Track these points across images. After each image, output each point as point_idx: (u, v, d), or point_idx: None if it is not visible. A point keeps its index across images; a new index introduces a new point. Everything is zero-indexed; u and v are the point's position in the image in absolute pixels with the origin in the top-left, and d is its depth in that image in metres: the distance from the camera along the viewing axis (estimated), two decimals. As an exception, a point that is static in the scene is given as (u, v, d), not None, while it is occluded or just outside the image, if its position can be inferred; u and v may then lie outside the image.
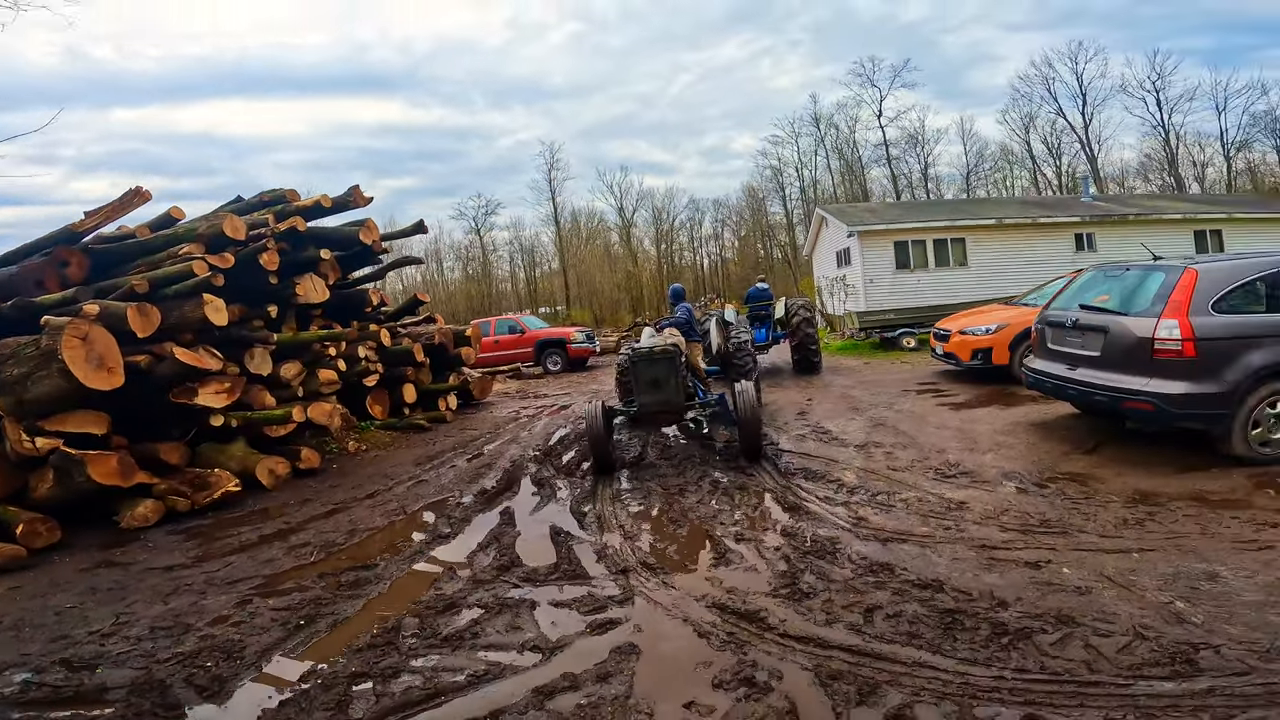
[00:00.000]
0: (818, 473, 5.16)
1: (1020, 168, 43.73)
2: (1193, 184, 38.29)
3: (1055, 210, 18.37)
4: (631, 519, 4.66)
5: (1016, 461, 4.98)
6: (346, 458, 7.94)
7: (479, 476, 6.38)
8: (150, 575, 4.37)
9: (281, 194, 8.50)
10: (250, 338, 7.56)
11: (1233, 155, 38.53)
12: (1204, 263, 4.91)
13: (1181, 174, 38.99)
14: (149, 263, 7.33)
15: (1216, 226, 17.70)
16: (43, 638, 3.47)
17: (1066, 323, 5.40)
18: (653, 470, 5.79)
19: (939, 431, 6.08)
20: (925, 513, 4.08)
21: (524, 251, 51.18)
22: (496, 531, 4.69)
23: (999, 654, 2.45)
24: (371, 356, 9.09)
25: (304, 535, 5.05)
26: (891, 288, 16.25)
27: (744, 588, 3.36)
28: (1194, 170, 39.50)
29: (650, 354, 5.93)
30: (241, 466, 6.66)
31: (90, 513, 5.61)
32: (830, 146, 46.12)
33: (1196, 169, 39.55)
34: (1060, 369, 5.35)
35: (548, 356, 16.35)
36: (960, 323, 9.03)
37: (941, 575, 3.19)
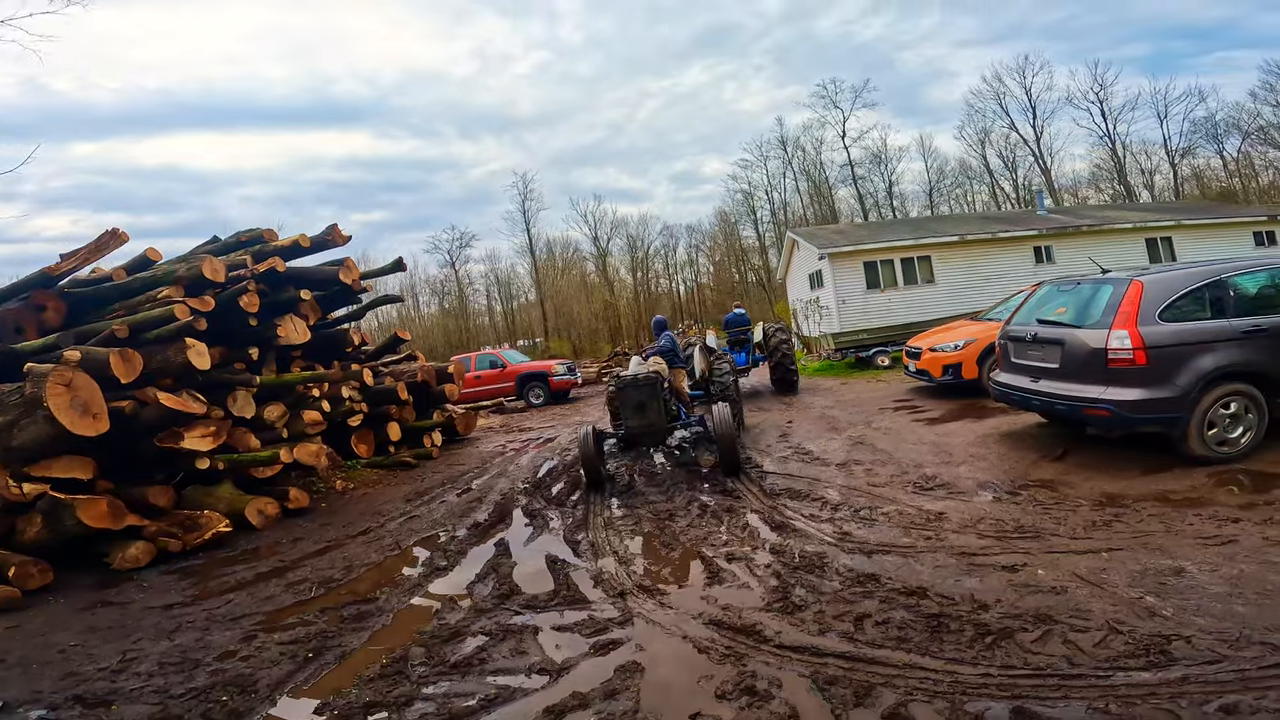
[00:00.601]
0: (802, 492, 5.33)
1: (979, 183, 45.12)
2: (1142, 192, 39.59)
3: (1014, 224, 18.98)
4: (625, 544, 4.76)
5: (990, 472, 5.21)
6: (335, 496, 7.90)
7: (470, 510, 6.43)
8: (150, 614, 4.40)
9: (259, 234, 8.52)
10: (232, 380, 7.55)
11: (1178, 162, 40.02)
12: (1149, 274, 5.24)
13: (1131, 182, 40.33)
14: (127, 306, 7.34)
15: (1167, 234, 18.31)
16: (52, 674, 3.48)
17: (1027, 337, 5.70)
18: (642, 497, 5.91)
19: (916, 447, 6.31)
20: (906, 525, 4.26)
21: (500, 284, 51.28)
22: (493, 562, 4.76)
23: (984, 653, 2.62)
24: (355, 396, 9.10)
25: (301, 572, 5.08)
26: (863, 308, 16.65)
27: (738, 604, 3.49)
28: (1142, 178, 40.81)
29: (635, 381, 6.62)
30: (230, 508, 6.65)
31: (78, 556, 5.61)
32: (798, 168, 47.35)
33: (1144, 176, 40.79)
34: (1024, 381, 5.64)
35: (530, 390, 16.39)
36: (930, 340, 9.37)
37: (925, 582, 3.36)
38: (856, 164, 45.57)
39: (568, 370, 16.87)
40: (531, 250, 49.13)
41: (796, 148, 46.95)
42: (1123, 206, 29.76)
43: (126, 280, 7.47)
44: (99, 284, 7.63)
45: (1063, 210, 25.50)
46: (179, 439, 6.56)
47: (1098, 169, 41.93)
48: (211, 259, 7.32)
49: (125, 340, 6.72)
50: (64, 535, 5.46)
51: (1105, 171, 41.48)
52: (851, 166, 45.63)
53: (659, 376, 6.82)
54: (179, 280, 7.08)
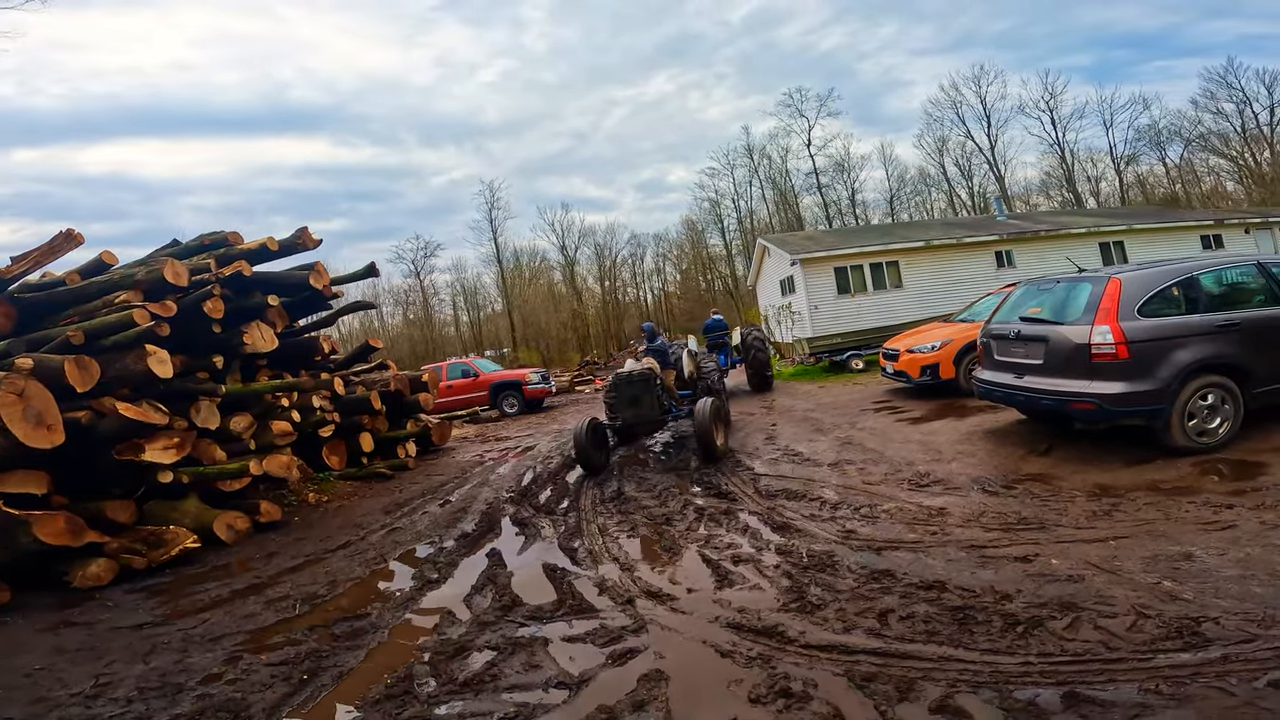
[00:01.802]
0: (798, 493, 5.30)
1: (937, 190, 46.53)
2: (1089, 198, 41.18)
3: (976, 230, 19.52)
4: (624, 550, 4.64)
5: (981, 467, 5.27)
6: (308, 510, 7.56)
7: (456, 521, 6.21)
8: (119, 634, 4.16)
9: (223, 237, 8.13)
10: (196, 390, 7.18)
11: (1123, 169, 41.94)
12: (1127, 272, 5.41)
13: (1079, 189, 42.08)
14: (82, 312, 6.91)
15: (1119, 238, 19.09)
16: (22, 700, 3.20)
17: (1010, 334, 5.81)
18: (635, 503, 5.79)
19: (904, 446, 6.36)
20: (909, 521, 4.26)
21: (467, 293, 50.57)
22: (488, 573, 4.58)
23: (1018, 642, 2.59)
24: (327, 406, 8.76)
25: (280, 589, 4.84)
26: (835, 313, 16.89)
27: (754, 606, 3.41)
28: (1089, 185, 42.55)
29: (630, 377, 7.48)
30: (197, 523, 6.33)
31: (36, 574, 5.28)
32: (764, 176, 48.04)
33: (1091, 183, 42.61)
34: (1008, 378, 5.74)
35: (504, 399, 16.10)
36: (907, 342, 9.52)
37: (941, 576, 3.34)
38: (821, 172, 46.56)
39: (542, 379, 16.65)
40: (499, 259, 48.63)
41: (763, 156, 47.75)
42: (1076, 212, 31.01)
43: (82, 285, 7.04)
44: (52, 288, 7.17)
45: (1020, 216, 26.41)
46: (140, 451, 6.19)
47: (1048, 176, 43.72)
48: (173, 262, 6.94)
49: (81, 347, 6.32)
50: (19, 553, 5.11)
51: (1055, 179, 43.25)
52: (816, 174, 46.57)
53: (652, 373, 7.58)
54: (138, 284, 6.70)
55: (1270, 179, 35.34)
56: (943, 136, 45.02)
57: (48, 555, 5.31)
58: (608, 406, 8.67)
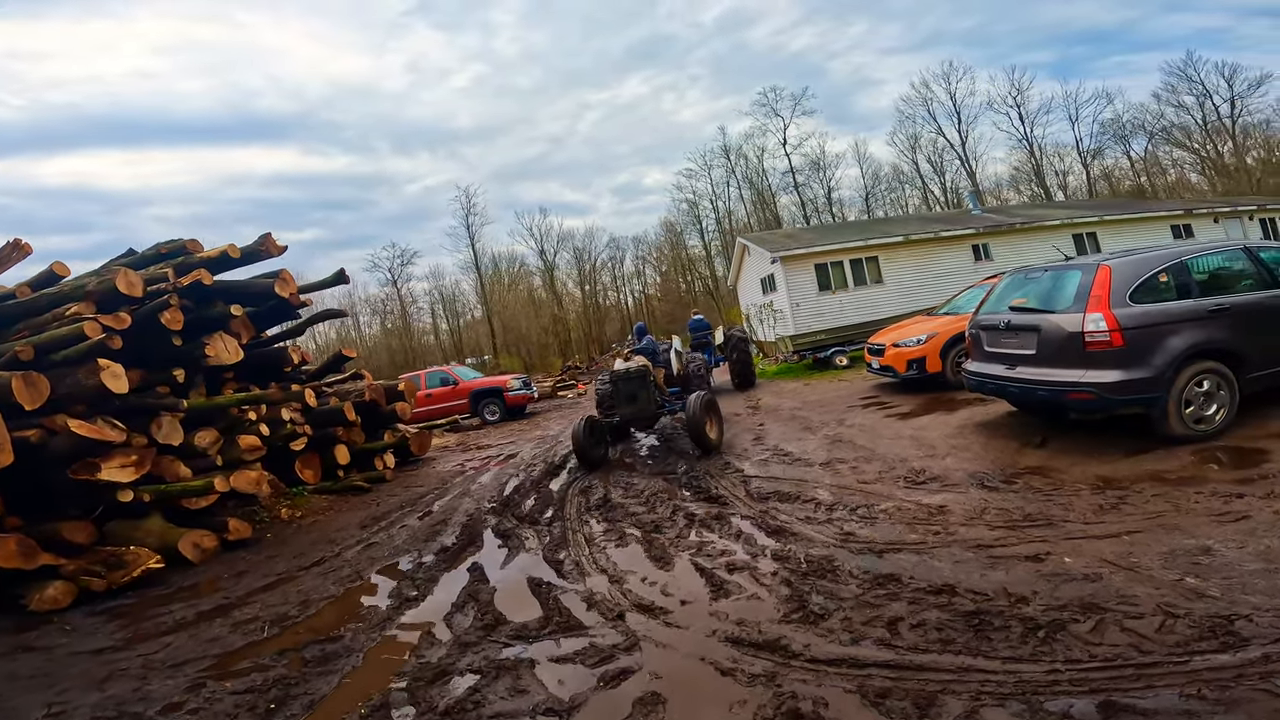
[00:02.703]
0: (791, 494, 5.11)
1: (911, 186, 47.02)
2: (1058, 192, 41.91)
3: (953, 224, 19.61)
4: (613, 561, 4.41)
5: (977, 462, 5.13)
6: (280, 526, 7.23)
7: (436, 534, 5.93)
8: (77, 660, 3.98)
9: (181, 244, 7.75)
10: (155, 405, 6.82)
11: (1089, 163, 42.82)
12: (1116, 259, 5.31)
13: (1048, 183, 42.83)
14: (32, 326, 6.52)
15: (1091, 229, 19.29)
16: None
17: (999, 325, 5.70)
18: (622, 510, 5.56)
19: (895, 442, 6.21)
20: (909, 521, 4.09)
21: (445, 301, 49.90)
22: (470, 589, 4.33)
23: (1041, 648, 2.42)
24: (298, 419, 8.41)
25: (249, 610, 4.59)
26: (817, 309, 16.83)
27: (753, 617, 3.21)
28: (1057, 179, 43.33)
29: (627, 374, 7.69)
30: (161, 542, 6.05)
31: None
32: (741, 176, 48.14)
33: (1059, 177, 43.38)
34: (999, 369, 5.62)
35: (484, 407, 15.76)
36: (891, 336, 9.43)
37: (950, 579, 3.17)
38: (797, 170, 46.79)
39: (523, 385, 16.33)
40: (477, 266, 48.08)
41: (739, 156, 47.85)
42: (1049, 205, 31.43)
43: (32, 297, 6.64)
44: (2, 300, 6.75)
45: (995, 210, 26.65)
46: (96, 470, 5.84)
47: (1017, 171, 44.44)
48: (127, 272, 6.58)
49: (30, 363, 5.95)
50: None
51: (1024, 174, 43.98)
52: (793, 173, 46.79)
53: (647, 369, 7.82)
54: (89, 295, 6.33)
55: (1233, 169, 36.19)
56: (915, 134, 45.58)
57: (2, 578, 5.05)
58: (600, 404, 8.83)
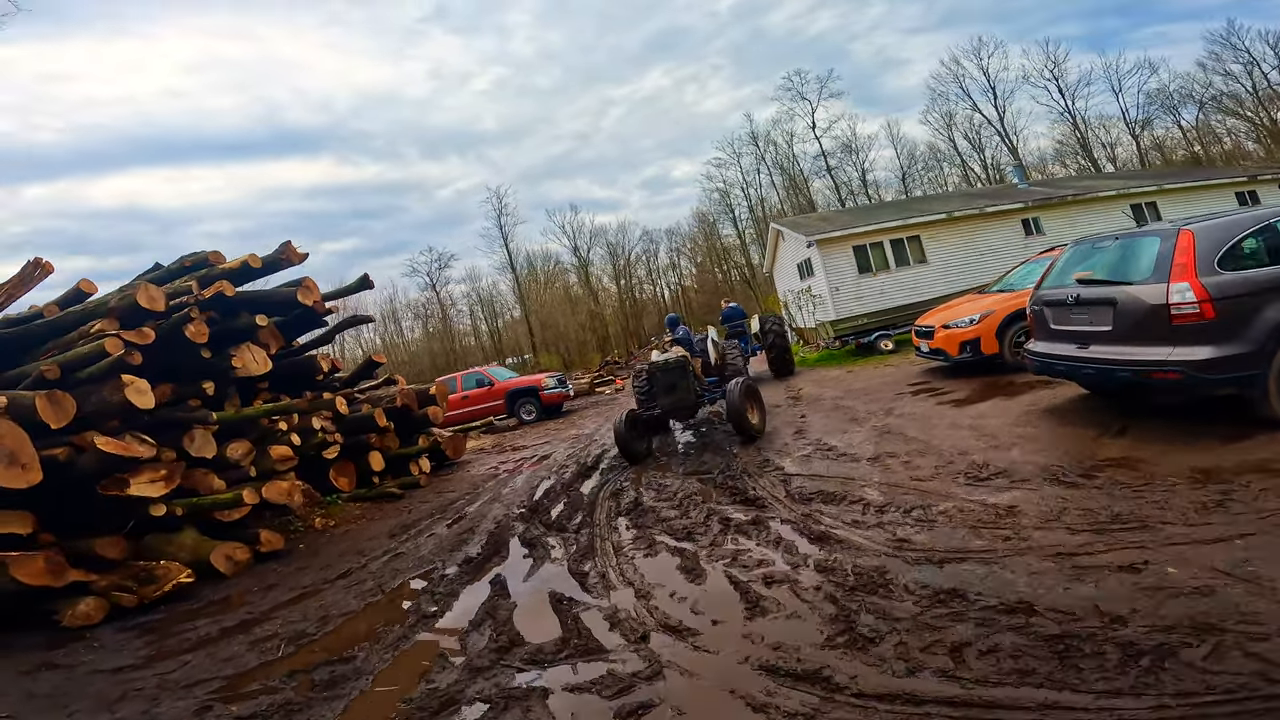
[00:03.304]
0: (836, 495, 4.66)
1: (950, 165, 45.41)
2: (1106, 164, 39.92)
3: (999, 199, 18.65)
4: (640, 573, 4.07)
5: (1048, 454, 4.57)
6: (314, 535, 7.17)
7: (462, 543, 5.72)
8: (96, 679, 3.95)
9: (204, 257, 7.78)
10: (187, 419, 6.81)
11: (1139, 133, 40.57)
12: (1197, 223, 4.69)
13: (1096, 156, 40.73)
14: (60, 344, 6.57)
15: (1150, 199, 18.18)
16: None
17: (1067, 300, 5.11)
18: (653, 515, 5.22)
19: (952, 432, 5.67)
20: (974, 524, 3.62)
21: (483, 302, 50.48)
22: (489, 605, 4.07)
23: (1146, 679, 1.97)
24: (328, 426, 8.35)
25: (270, 626, 4.47)
26: (857, 293, 16.16)
27: (792, 641, 2.83)
28: (1105, 151, 41.27)
29: (666, 364, 7.53)
30: (194, 555, 6.01)
31: (28, 613, 5.06)
32: (771, 162, 47.24)
33: (1107, 149, 41.37)
34: (1069, 349, 5.04)
35: (521, 406, 15.66)
36: (941, 317, 8.80)
37: (1026, 595, 2.71)
38: (829, 154, 45.61)
39: (558, 383, 16.17)
40: (512, 266, 48.46)
41: (768, 143, 46.94)
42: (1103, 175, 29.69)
43: (58, 315, 6.70)
44: (29, 321, 6.85)
45: (1043, 183, 25.30)
46: (124, 486, 5.82)
47: (1061, 144, 42.36)
48: (148, 286, 6.57)
49: (57, 381, 5.97)
50: (2, 594, 4.87)
51: (1069, 147, 41.91)
52: (824, 157, 45.61)
53: (686, 359, 7.63)
54: (112, 312, 6.33)
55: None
56: (949, 111, 44.05)
57: (38, 594, 5.07)
58: (640, 397, 8.77)
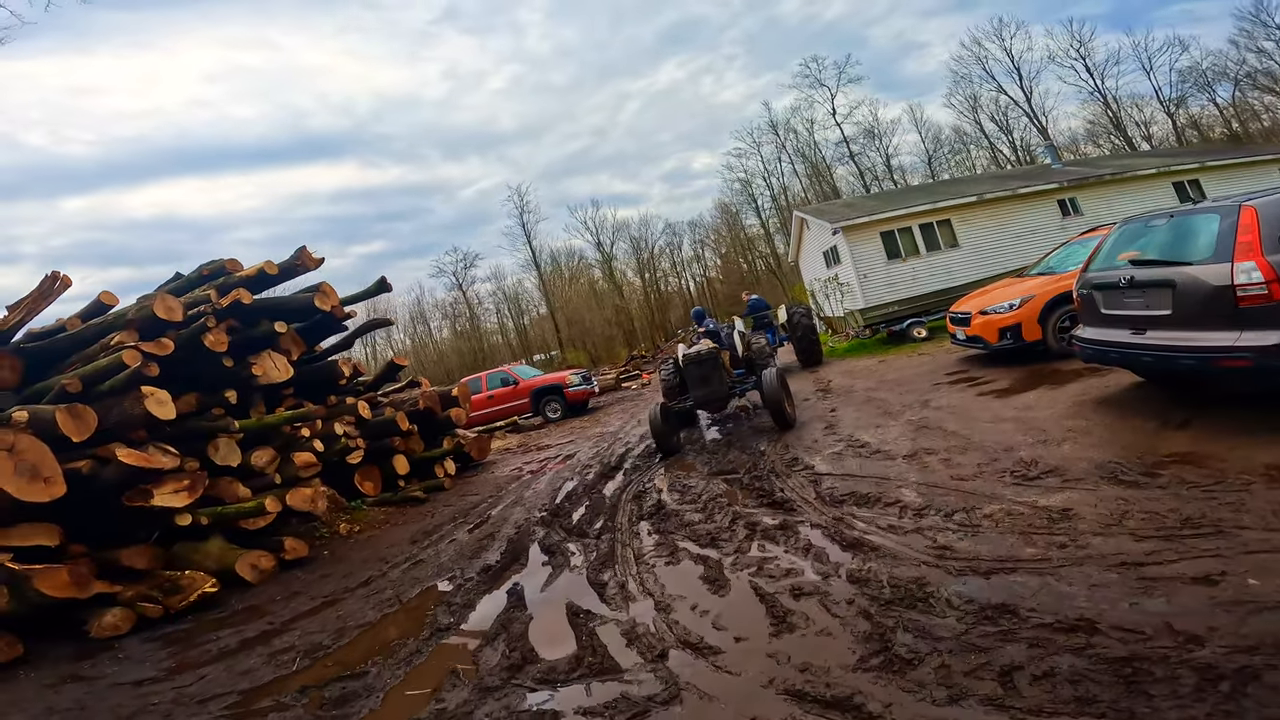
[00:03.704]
0: (870, 496, 4.38)
1: (977, 147, 44.12)
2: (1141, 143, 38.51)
3: (1033, 180, 17.89)
4: (661, 583, 3.87)
5: (1103, 449, 4.21)
6: (338, 542, 7.14)
7: (481, 550, 5.60)
8: (115, 692, 3.96)
9: (221, 265, 7.81)
10: (210, 428, 6.84)
11: (1174, 111, 38.95)
12: (1259, 198, 4.26)
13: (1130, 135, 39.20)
14: (84, 357, 6.64)
15: (1193, 176, 17.34)
16: None
17: (1119, 283, 4.71)
18: (677, 519, 5.00)
19: (995, 426, 5.31)
20: (1024, 529, 3.31)
21: (509, 300, 50.75)
22: (504, 617, 3.93)
23: (1227, 708, 1.71)
24: (351, 431, 8.34)
25: (288, 637, 4.42)
26: (887, 280, 15.64)
27: (821, 661, 2.60)
28: (1139, 130, 39.79)
29: (698, 356, 7.53)
30: (220, 564, 6.04)
31: (60, 624, 5.11)
32: (793, 151, 46.49)
33: (1141, 128, 39.91)
34: (1124, 335, 4.65)
35: (545, 404, 15.58)
36: (978, 303, 8.36)
37: (1087, 611, 2.42)
38: (851, 140, 44.69)
39: (582, 380, 16.04)
40: (536, 263, 48.61)
41: (788, 130, 46.23)
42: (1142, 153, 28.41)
43: (81, 329, 6.77)
44: (53, 335, 6.94)
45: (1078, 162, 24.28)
46: (148, 497, 5.85)
47: (1093, 124, 40.88)
48: (165, 297, 6.60)
49: (79, 394, 6.01)
50: (31, 605, 4.91)
51: (1101, 126, 40.48)
52: (846, 143, 44.72)
53: (718, 351, 7.65)
54: (130, 324, 6.36)
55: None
56: (974, 94, 42.79)
57: (68, 605, 5.11)
58: (668, 390, 8.79)
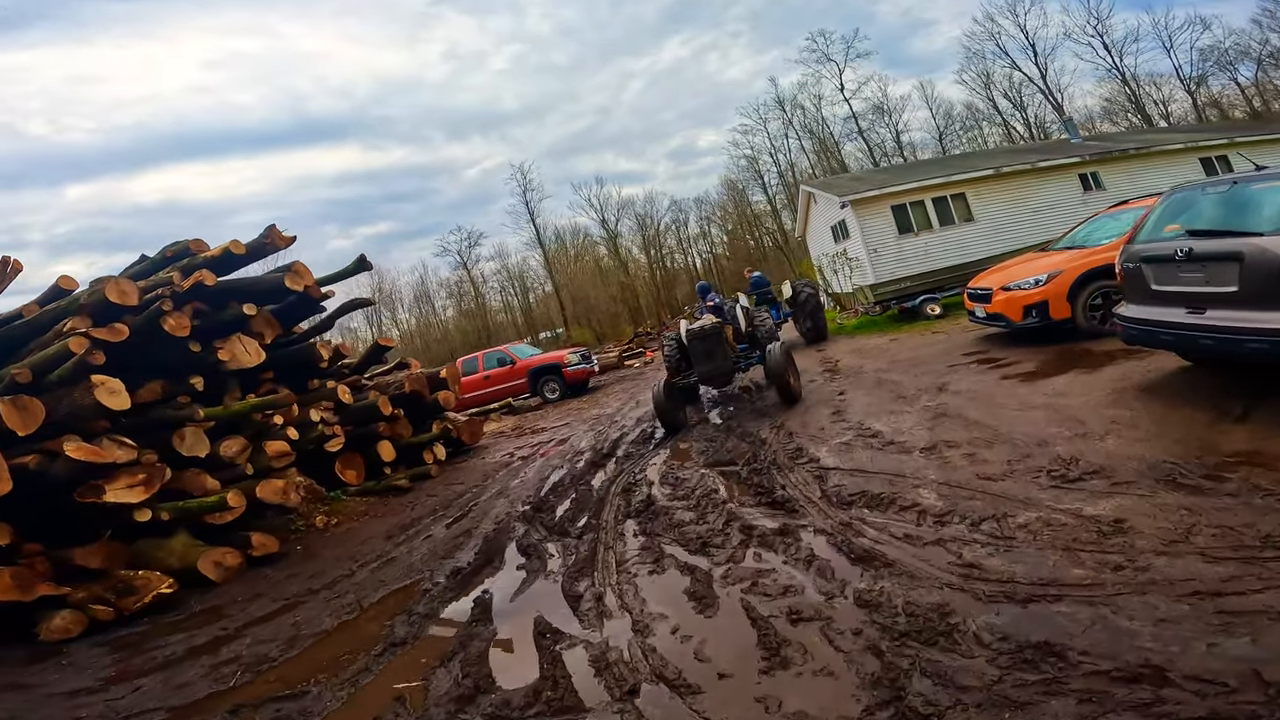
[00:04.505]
0: (883, 497, 3.86)
1: (990, 124, 43.01)
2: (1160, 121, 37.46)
3: (1052, 154, 17.09)
4: (641, 597, 3.40)
5: (1154, 445, 3.66)
6: (314, 535, 6.74)
7: (456, 548, 5.17)
8: (48, 703, 3.71)
9: (185, 246, 7.37)
10: (174, 417, 6.41)
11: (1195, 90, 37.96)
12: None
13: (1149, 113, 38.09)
14: (40, 344, 6.20)
15: (1221, 152, 16.62)
16: None
17: (1173, 255, 4.10)
18: (666, 517, 4.52)
19: (1025, 415, 4.74)
20: (1068, 544, 2.79)
21: (514, 279, 50.18)
22: (465, 633, 3.51)
23: None
24: (330, 418, 7.90)
25: (238, 646, 4.06)
26: (898, 254, 14.98)
27: (819, 711, 2.14)
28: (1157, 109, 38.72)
29: (702, 331, 7.51)
30: (183, 562, 5.64)
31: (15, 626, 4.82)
32: (800, 127, 45.31)
33: (1159, 107, 38.84)
34: (1178, 314, 4.05)
35: (544, 384, 15.12)
36: (1000, 278, 7.74)
37: (1153, 655, 1.92)
38: (859, 116, 43.51)
39: (581, 359, 15.53)
40: (540, 241, 47.93)
41: (795, 106, 45.08)
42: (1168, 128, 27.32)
43: (36, 315, 6.32)
44: (10, 322, 6.50)
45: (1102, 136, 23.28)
46: (100, 493, 5.43)
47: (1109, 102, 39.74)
48: (119, 280, 6.16)
49: (29, 385, 5.58)
50: None
51: (1118, 104, 39.41)
52: (855, 119, 43.55)
53: (721, 326, 7.65)
54: (83, 309, 5.92)
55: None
56: (986, 70, 41.56)
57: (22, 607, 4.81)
58: (671, 365, 8.74)
